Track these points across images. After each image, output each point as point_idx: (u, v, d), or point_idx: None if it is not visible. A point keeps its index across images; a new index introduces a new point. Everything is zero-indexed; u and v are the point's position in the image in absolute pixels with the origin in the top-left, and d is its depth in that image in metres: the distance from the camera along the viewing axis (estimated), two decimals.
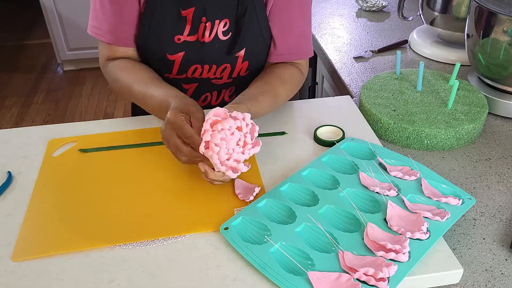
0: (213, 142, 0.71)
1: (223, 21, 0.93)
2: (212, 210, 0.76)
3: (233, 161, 0.74)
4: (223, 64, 0.97)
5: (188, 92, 1.03)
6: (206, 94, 1.04)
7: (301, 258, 0.67)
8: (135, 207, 0.77)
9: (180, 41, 0.93)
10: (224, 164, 0.73)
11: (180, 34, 0.93)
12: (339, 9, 1.61)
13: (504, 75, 1.02)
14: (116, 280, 0.66)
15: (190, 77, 0.99)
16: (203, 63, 0.96)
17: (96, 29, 0.94)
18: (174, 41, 0.93)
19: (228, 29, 0.94)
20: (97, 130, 0.96)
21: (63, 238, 0.72)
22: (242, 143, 0.74)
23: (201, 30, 0.93)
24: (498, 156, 0.93)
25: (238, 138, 0.73)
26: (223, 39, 0.94)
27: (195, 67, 0.97)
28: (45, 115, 2.94)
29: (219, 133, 0.71)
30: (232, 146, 0.72)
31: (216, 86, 1.03)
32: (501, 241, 0.74)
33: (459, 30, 1.21)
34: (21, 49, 3.66)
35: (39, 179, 0.84)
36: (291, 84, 0.97)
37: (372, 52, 1.32)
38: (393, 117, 0.96)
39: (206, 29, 0.93)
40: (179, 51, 0.94)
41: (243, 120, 0.74)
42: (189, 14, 0.91)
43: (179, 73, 0.98)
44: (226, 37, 0.94)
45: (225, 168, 0.73)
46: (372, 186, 0.78)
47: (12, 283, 0.65)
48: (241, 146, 0.74)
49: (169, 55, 0.94)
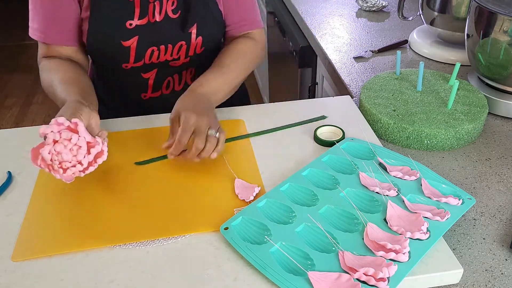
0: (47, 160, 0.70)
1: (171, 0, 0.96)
2: (212, 210, 0.76)
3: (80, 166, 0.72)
4: (178, 42, 0.98)
5: (150, 81, 1.04)
6: (168, 78, 1.05)
7: (301, 258, 0.67)
8: (135, 207, 0.77)
9: (132, 26, 0.94)
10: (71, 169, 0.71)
11: (131, 19, 0.94)
12: (339, 9, 1.61)
13: (504, 75, 1.02)
14: (116, 280, 0.66)
15: (148, 62, 1.00)
16: (159, 44, 0.97)
17: (31, 29, 0.96)
18: (126, 27, 0.94)
19: (176, 7, 0.96)
20: None
21: (63, 238, 0.72)
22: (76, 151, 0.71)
23: (151, 11, 0.94)
24: (498, 156, 0.93)
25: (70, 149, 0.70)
26: (173, 17, 0.96)
27: (152, 49, 0.98)
28: (45, 115, 2.94)
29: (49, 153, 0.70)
30: (68, 158, 0.70)
31: (175, 69, 1.04)
32: (501, 241, 0.74)
33: (459, 30, 1.21)
34: (21, 49, 3.66)
35: (39, 179, 0.84)
36: (237, 51, 0.99)
37: (372, 52, 1.32)
38: (393, 117, 0.96)
39: (155, 9, 0.94)
40: (133, 35, 0.95)
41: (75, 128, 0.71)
42: None
43: (137, 60, 0.98)
44: (176, 15, 0.96)
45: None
46: (372, 186, 0.78)
47: (12, 283, 0.65)
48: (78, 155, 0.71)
49: (123, 42, 0.95)
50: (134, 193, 0.80)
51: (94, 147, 0.72)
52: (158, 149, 0.87)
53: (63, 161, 0.70)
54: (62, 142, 0.69)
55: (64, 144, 0.69)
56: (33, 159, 0.71)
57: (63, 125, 0.71)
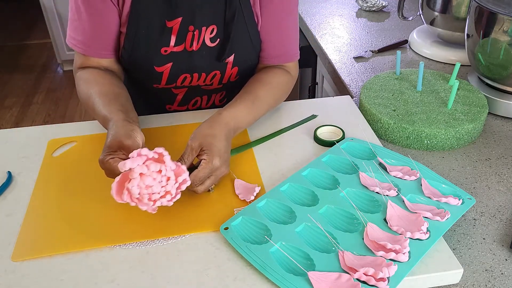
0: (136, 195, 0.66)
1: (210, 27, 0.92)
2: (212, 210, 0.76)
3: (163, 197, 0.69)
4: (212, 71, 0.96)
5: (178, 96, 1.02)
6: (196, 98, 1.04)
7: (301, 258, 0.67)
8: (135, 207, 0.77)
9: (167, 53, 0.92)
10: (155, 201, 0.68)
11: (166, 46, 0.91)
12: (339, 9, 1.61)
13: (504, 75, 1.02)
14: (116, 280, 0.66)
15: (180, 85, 0.98)
16: (192, 72, 0.95)
17: (72, 39, 0.93)
18: (161, 53, 0.92)
19: (215, 36, 0.93)
20: (97, 130, 0.96)
21: (63, 238, 0.72)
22: (165, 182, 0.68)
23: (189, 39, 0.92)
24: (498, 156, 0.93)
25: (160, 180, 0.67)
26: (211, 45, 0.93)
27: (184, 76, 0.96)
28: (45, 115, 2.94)
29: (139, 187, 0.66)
30: (157, 190, 0.67)
31: (206, 91, 1.02)
32: (501, 241, 0.74)
33: (459, 30, 1.21)
34: (21, 49, 3.66)
35: (39, 179, 0.84)
36: (271, 84, 0.94)
37: (372, 52, 1.32)
38: (393, 117, 0.96)
39: (194, 38, 0.92)
40: (167, 62, 0.93)
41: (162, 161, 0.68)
42: (176, 24, 0.90)
43: (168, 83, 0.97)
44: (214, 43, 0.93)
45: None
46: (372, 186, 0.78)
47: (12, 283, 0.65)
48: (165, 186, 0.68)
49: (156, 68, 0.93)
50: None
51: (180, 175, 0.69)
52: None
53: (153, 193, 0.67)
54: (150, 175, 0.66)
55: (153, 177, 0.66)
56: (118, 193, 0.67)
57: (146, 156, 0.67)
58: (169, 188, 0.67)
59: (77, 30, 0.91)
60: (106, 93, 0.87)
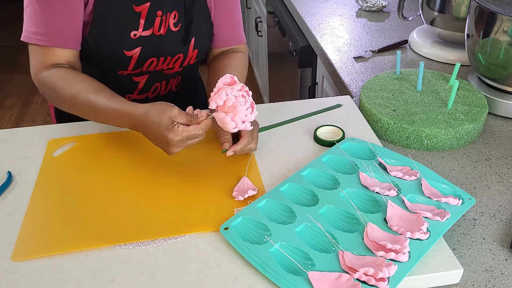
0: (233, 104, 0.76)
1: (173, 13, 0.97)
2: (212, 210, 0.76)
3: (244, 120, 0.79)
4: (177, 54, 1.00)
5: (139, 84, 1.04)
6: (156, 84, 1.07)
7: (301, 258, 0.67)
8: (135, 207, 0.77)
9: (136, 37, 0.94)
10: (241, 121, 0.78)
11: (135, 30, 0.94)
12: (339, 9, 1.61)
13: (504, 75, 1.02)
14: (116, 280, 0.66)
15: (145, 70, 1.01)
16: (159, 55, 0.99)
17: (32, 34, 0.88)
18: (130, 37, 0.94)
19: (177, 21, 0.97)
20: (97, 130, 0.96)
21: (63, 238, 0.72)
22: (249, 104, 0.79)
23: (157, 24, 0.95)
24: (498, 156, 0.93)
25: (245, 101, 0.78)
26: (174, 30, 0.98)
27: (151, 60, 0.99)
28: (45, 115, 2.94)
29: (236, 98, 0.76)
30: (246, 107, 0.77)
31: (166, 76, 1.06)
32: (501, 241, 0.74)
33: (459, 30, 1.21)
34: (21, 49, 3.66)
35: (39, 179, 0.84)
36: (237, 67, 1.02)
37: (372, 52, 1.32)
38: (393, 117, 0.96)
39: (162, 22, 0.95)
40: (136, 46, 0.95)
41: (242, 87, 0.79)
42: (144, 9, 0.93)
43: (135, 68, 0.99)
44: (177, 28, 0.98)
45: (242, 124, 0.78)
46: (372, 186, 0.78)
47: (12, 283, 0.65)
48: (249, 107, 0.79)
49: (126, 52, 0.95)
50: (134, 193, 0.80)
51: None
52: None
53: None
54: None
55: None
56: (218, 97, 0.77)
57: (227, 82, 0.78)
58: (250, 100, 0.79)
59: (40, 22, 0.88)
60: (96, 87, 0.86)
